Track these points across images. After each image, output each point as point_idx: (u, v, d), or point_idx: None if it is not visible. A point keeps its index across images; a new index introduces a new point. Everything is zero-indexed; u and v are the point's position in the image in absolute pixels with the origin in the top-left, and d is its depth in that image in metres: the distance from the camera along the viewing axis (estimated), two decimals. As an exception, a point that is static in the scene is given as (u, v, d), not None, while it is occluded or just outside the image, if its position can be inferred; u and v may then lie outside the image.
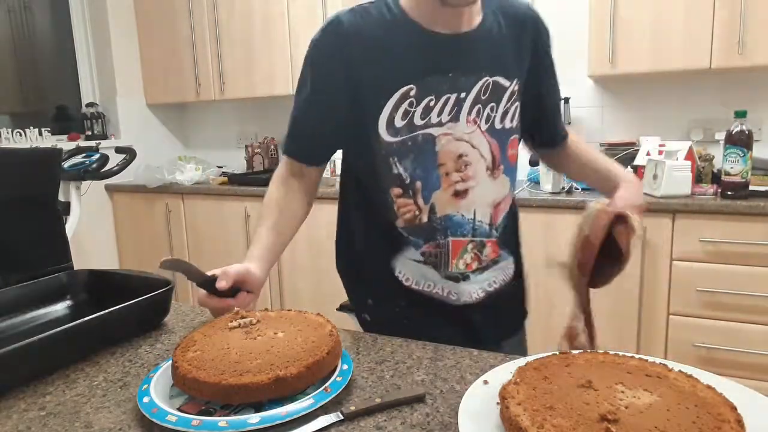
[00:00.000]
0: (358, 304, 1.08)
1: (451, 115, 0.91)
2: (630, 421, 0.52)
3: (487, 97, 0.94)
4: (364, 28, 0.90)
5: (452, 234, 0.96)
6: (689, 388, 0.58)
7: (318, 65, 0.94)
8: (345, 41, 0.90)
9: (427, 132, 0.91)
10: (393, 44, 0.90)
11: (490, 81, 0.93)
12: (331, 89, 0.93)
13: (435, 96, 0.90)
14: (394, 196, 0.95)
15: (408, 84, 0.89)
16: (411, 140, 0.91)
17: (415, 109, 0.90)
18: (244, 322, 0.77)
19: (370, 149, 0.94)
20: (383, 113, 0.91)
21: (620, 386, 0.58)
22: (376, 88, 0.90)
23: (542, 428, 0.51)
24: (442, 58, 0.90)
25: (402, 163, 0.92)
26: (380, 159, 0.93)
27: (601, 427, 0.51)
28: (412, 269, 0.98)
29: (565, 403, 0.55)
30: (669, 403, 0.55)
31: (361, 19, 0.91)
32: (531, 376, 0.62)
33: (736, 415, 0.52)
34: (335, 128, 0.97)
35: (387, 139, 0.92)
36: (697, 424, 0.51)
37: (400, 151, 0.92)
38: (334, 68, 0.92)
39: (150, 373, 0.72)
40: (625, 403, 0.55)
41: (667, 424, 0.51)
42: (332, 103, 0.94)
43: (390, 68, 0.90)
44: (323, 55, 0.93)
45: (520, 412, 0.54)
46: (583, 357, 0.66)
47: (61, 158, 1.26)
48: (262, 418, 0.60)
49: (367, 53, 0.90)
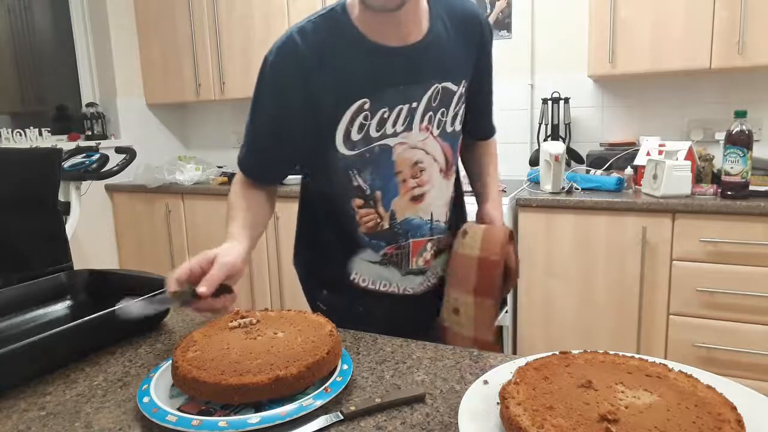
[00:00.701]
0: (313, 296, 1.13)
1: (405, 125, 0.94)
2: (630, 421, 0.52)
3: (437, 103, 0.96)
4: (318, 46, 0.90)
5: (412, 236, 1.01)
6: (689, 388, 0.58)
7: (276, 86, 0.93)
8: (300, 61, 0.90)
9: (384, 143, 0.94)
10: (346, 60, 0.91)
11: (440, 87, 0.96)
12: (291, 110, 0.93)
13: (388, 108, 0.92)
14: (356, 207, 0.98)
15: (362, 98, 0.91)
16: (368, 152, 0.94)
17: (370, 122, 0.92)
18: (244, 322, 0.77)
19: (328, 164, 0.96)
20: (339, 127, 0.92)
21: (620, 386, 0.58)
22: (332, 103, 0.91)
23: (542, 428, 0.51)
24: (393, 70, 0.92)
25: (361, 175, 0.95)
26: (340, 172, 0.96)
27: (601, 427, 0.51)
28: (369, 270, 1.03)
29: (565, 403, 0.55)
30: (669, 403, 0.55)
31: (314, 35, 0.91)
32: (531, 376, 0.62)
33: (736, 415, 0.52)
34: (292, 149, 0.97)
35: (345, 153, 0.94)
36: (697, 424, 0.51)
37: (358, 164, 0.95)
38: (292, 88, 0.91)
39: (150, 373, 0.72)
40: (625, 403, 0.55)
41: (667, 424, 0.51)
42: (291, 124, 0.94)
43: (344, 84, 0.91)
44: (281, 76, 0.92)
45: (520, 412, 0.54)
46: (583, 357, 0.66)
47: (61, 158, 1.26)
48: (262, 418, 0.60)
49: (321, 70, 0.90)
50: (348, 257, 1.03)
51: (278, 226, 2.81)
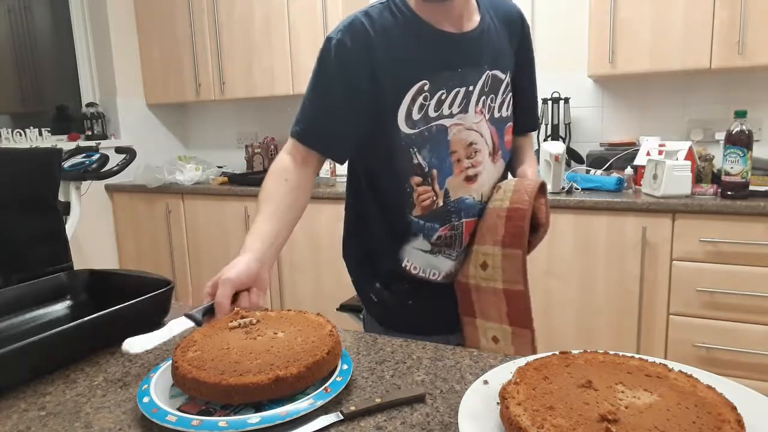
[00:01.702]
0: (365, 286, 1.12)
1: (461, 107, 0.99)
2: (630, 421, 0.52)
3: (489, 89, 1.02)
4: (382, 28, 0.96)
5: (465, 216, 1.03)
6: (689, 388, 0.58)
7: (343, 62, 0.96)
8: (366, 41, 0.95)
9: (440, 123, 0.98)
10: (408, 43, 0.96)
11: (491, 74, 1.02)
12: (356, 85, 0.96)
13: (446, 90, 0.98)
14: (415, 185, 1.00)
15: (422, 79, 0.96)
16: (427, 131, 0.98)
17: (429, 103, 0.97)
18: (244, 322, 0.77)
19: (389, 142, 0.98)
20: (402, 107, 0.96)
21: (620, 386, 0.58)
22: (395, 83, 0.96)
23: (542, 428, 0.51)
24: (451, 54, 0.98)
25: (420, 153, 0.99)
26: (401, 150, 0.99)
27: (601, 427, 0.51)
28: (419, 259, 1.05)
29: (565, 403, 0.55)
30: (669, 403, 0.55)
31: (378, 20, 0.97)
32: (531, 376, 0.62)
33: (736, 415, 0.52)
34: (357, 124, 0.99)
35: (406, 131, 0.98)
36: (697, 424, 0.51)
37: (418, 142, 0.98)
38: (359, 66, 0.95)
39: (150, 373, 0.72)
40: (625, 403, 0.55)
41: (667, 424, 0.51)
42: (358, 97, 0.96)
43: (406, 65, 0.96)
44: (348, 53, 0.95)
45: (521, 412, 0.54)
46: (583, 357, 0.66)
47: (61, 158, 1.26)
48: (262, 418, 0.60)
49: (386, 51, 0.95)
50: (400, 246, 1.04)
51: (278, 226, 2.81)
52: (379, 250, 1.08)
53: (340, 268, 2.70)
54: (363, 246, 1.12)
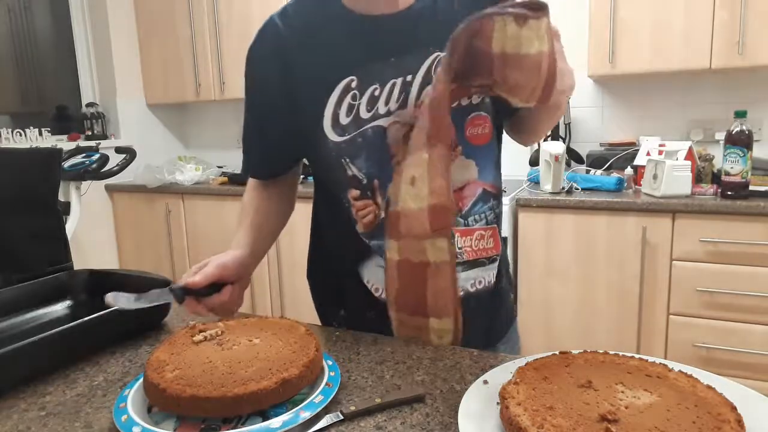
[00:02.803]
0: (328, 314, 1.03)
1: (399, 102, 0.83)
2: (630, 421, 0.52)
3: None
4: (298, 23, 0.86)
5: None
6: (689, 388, 0.58)
7: (254, 74, 0.90)
8: (278, 42, 0.86)
9: (376, 124, 0.83)
10: (328, 35, 0.84)
11: (441, 56, 0.81)
12: (272, 97, 0.88)
13: (379, 84, 0.82)
14: (352, 199, 0.87)
15: (348, 75, 0.82)
16: (360, 136, 0.84)
17: (359, 102, 0.83)
18: (210, 334, 0.75)
19: (319, 153, 0.87)
20: (326, 111, 0.84)
21: (620, 386, 0.59)
22: (316, 84, 0.84)
23: (542, 428, 0.51)
24: (381, 41, 0.83)
25: (355, 163, 0.85)
26: (332, 161, 0.86)
27: (601, 427, 0.51)
28: (378, 277, 0.89)
29: (565, 403, 0.55)
30: (669, 403, 0.55)
31: (294, 13, 0.87)
32: (531, 376, 0.62)
33: (736, 415, 0.53)
34: (282, 140, 0.91)
35: (335, 140, 0.85)
36: (697, 424, 0.51)
37: (350, 150, 0.85)
38: (272, 74, 0.87)
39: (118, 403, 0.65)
40: (625, 403, 0.55)
41: (666, 424, 0.51)
42: (276, 112, 0.89)
43: (327, 61, 0.84)
44: (258, 61, 0.89)
45: (521, 412, 0.54)
46: (583, 357, 0.66)
47: (61, 158, 1.26)
48: (283, 422, 0.59)
49: (303, 51, 0.84)
50: (357, 262, 0.91)
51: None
52: (339, 268, 0.95)
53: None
54: (324, 264, 1.02)
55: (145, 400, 0.66)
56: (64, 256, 1.18)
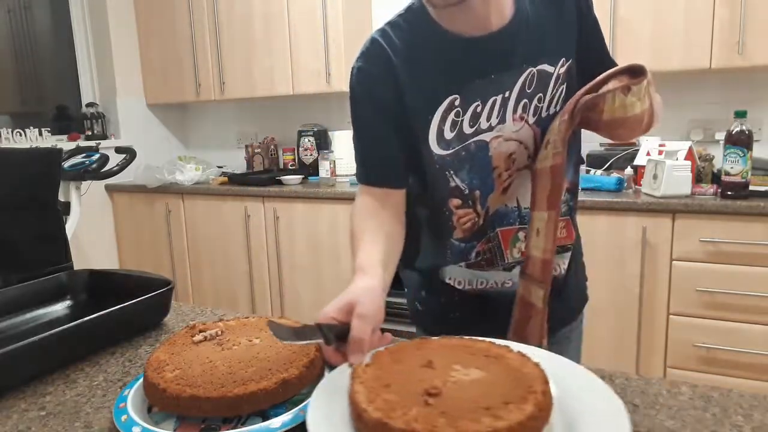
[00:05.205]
0: (412, 295, 1.10)
1: (499, 117, 0.90)
2: (450, 394, 0.56)
3: (533, 89, 0.91)
4: (400, 46, 0.90)
5: (499, 225, 0.96)
6: (518, 366, 0.62)
7: (367, 89, 0.93)
8: (386, 62, 0.90)
9: (479, 139, 0.91)
10: (430, 57, 0.89)
11: (534, 71, 0.90)
12: (386, 110, 0.92)
13: (481, 101, 0.89)
14: (453, 207, 0.94)
15: (452, 94, 0.89)
16: (464, 150, 0.91)
17: (462, 118, 0.90)
18: (210, 334, 0.75)
19: (423, 165, 0.93)
20: (432, 127, 0.90)
21: (457, 366, 0.62)
22: (422, 102, 0.90)
23: (373, 403, 0.55)
24: (480, 61, 0.88)
25: (458, 175, 0.92)
26: (435, 173, 0.93)
27: (422, 399, 0.55)
28: (462, 274, 0.99)
29: (402, 381, 0.59)
30: (493, 380, 0.59)
31: (396, 36, 0.91)
32: (384, 358, 0.65)
33: (544, 387, 0.56)
34: (399, 150, 0.94)
35: (439, 153, 0.91)
36: (508, 395, 0.55)
37: (454, 164, 0.92)
38: (384, 89, 0.91)
39: (117, 403, 0.65)
40: (455, 379, 0.59)
41: (480, 396, 0.55)
42: (389, 123, 0.92)
43: (432, 81, 0.89)
44: (370, 78, 0.92)
45: (361, 389, 0.57)
46: (438, 342, 0.70)
47: (61, 158, 1.26)
48: (283, 422, 0.59)
49: (407, 71, 0.90)
50: (441, 266, 1.01)
51: (278, 226, 2.81)
52: (424, 260, 1.04)
53: (340, 268, 2.71)
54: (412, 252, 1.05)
55: (145, 400, 0.66)
56: (64, 256, 1.18)
